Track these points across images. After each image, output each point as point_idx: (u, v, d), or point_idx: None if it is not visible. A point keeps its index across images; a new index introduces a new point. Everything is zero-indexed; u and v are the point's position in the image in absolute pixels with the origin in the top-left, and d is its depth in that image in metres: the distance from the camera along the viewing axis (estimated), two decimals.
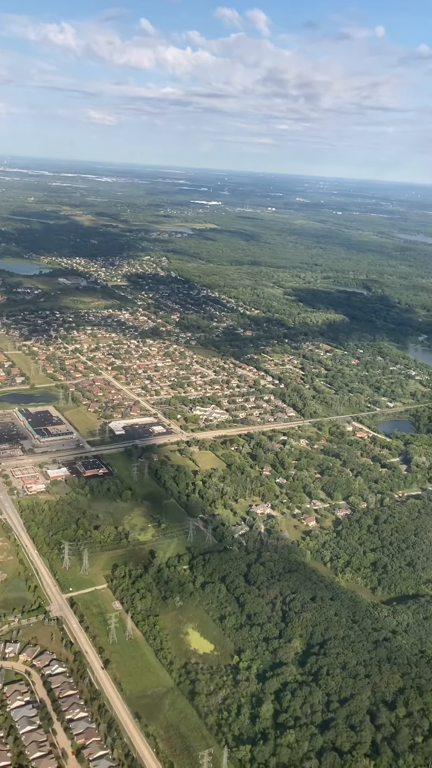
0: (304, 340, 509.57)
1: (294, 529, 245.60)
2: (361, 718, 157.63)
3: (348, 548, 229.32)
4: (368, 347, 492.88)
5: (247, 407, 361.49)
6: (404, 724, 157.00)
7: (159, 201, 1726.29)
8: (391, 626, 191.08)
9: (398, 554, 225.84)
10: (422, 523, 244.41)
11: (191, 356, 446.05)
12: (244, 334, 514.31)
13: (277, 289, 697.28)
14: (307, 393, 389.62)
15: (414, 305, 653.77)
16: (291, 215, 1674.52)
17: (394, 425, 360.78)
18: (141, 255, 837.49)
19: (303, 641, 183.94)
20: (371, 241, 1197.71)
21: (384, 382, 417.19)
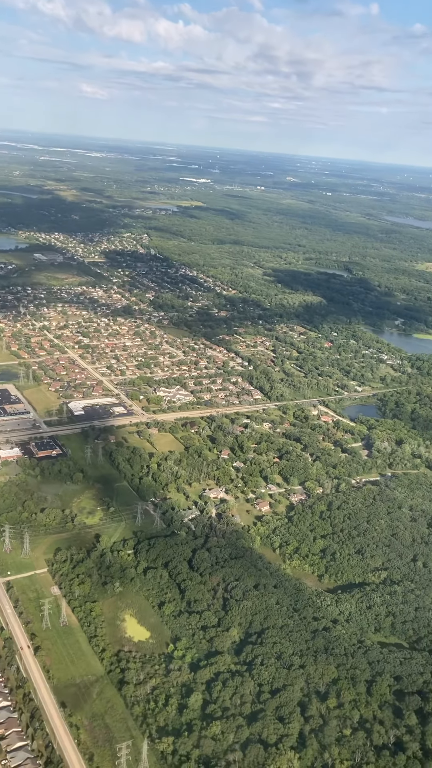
0: (279, 322, 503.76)
1: (247, 514, 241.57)
2: (291, 710, 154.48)
3: (298, 534, 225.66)
4: (343, 330, 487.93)
5: (213, 389, 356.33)
6: (334, 716, 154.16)
7: (147, 177, 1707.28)
8: (333, 615, 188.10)
9: (348, 541, 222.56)
10: (376, 509, 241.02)
11: (162, 336, 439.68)
12: (219, 314, 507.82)
13: (257, 269, 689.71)
14: (276, 376, 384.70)
15: (394, 288, 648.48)
16: (280, 195, 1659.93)
17: (360, 410, 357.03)
18: (122, 231, 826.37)
19: (242, 630, 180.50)
20: (358, 223, 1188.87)
21: (355, 366, 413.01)
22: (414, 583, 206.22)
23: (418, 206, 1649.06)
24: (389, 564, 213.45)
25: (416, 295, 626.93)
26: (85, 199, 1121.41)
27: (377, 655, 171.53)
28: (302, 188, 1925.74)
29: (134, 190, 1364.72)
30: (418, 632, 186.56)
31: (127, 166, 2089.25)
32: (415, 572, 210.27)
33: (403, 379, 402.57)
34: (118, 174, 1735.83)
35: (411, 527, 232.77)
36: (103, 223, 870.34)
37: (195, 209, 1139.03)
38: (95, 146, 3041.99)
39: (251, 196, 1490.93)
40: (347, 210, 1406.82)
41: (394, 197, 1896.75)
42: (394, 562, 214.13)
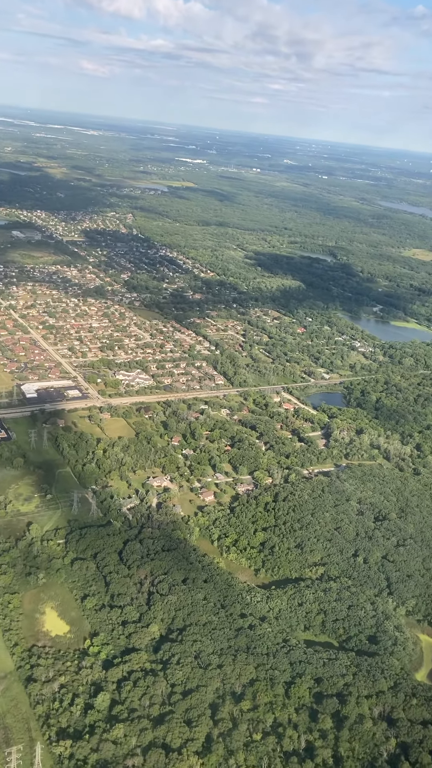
0: (254, 305, 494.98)
1: (189, 503, 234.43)
2: (200, 712, 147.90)
3: (238, 526, 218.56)
4: (318, 316, 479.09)
5: (175, 373, 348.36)
6: (246, 719, 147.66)
7: (141, 157, 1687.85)
8: (262, 612, 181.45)
9: (289, 534, 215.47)
10: (322, 502, 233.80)
11: (131, 318, 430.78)
12: (193, 297, 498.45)
13: (239, 251, 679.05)
14: (242, 361, 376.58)
15: (376, 275, 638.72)
16: (274, 177, 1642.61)
17: (325, 398, 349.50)
18: (106, 211, 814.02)
19: (164, 626, 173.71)
20: (350, 207, 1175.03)
21: (325, 353, 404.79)
22: (351, 579, 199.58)
23: (414, 192, 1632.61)
24: (328, 559, 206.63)
25: (398, 282, 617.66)
26: (73, 177, 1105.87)
27: (300, 656, 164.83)
28: (298, 171, 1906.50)
29: (126, 169, 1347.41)
30: (348, 631, 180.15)
31: (123, 145, 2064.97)
32: (355, 568, 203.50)
33: (374, 367, 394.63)
34: (112, 152, 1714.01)
35: (356, 521, 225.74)
36: (88, 202, 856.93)
37: (185, 190, 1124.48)
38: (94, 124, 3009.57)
39: (245, 178, 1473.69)
40: (341, 194, 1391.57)
41: (390, 182, 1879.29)
42: (333, 557, 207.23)
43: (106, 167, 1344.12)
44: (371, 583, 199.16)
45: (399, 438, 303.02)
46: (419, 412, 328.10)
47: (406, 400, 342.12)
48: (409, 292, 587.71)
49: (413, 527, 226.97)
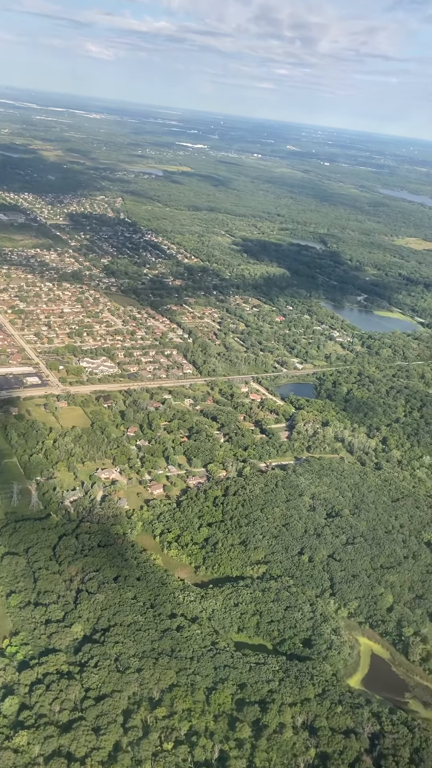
0: (235, 293, 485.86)
1: (137, 497, 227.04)
2: (111, 719, 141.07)
3: (183, 521, 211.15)
4: (299, 304, 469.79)
5: (142, 361, 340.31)
6: (159, 727, 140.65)
7: (141, 141, 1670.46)
8: (194, 613, 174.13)
9: (235, 530, 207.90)
10: (274, 496, 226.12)
11: (105, 303, 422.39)
12: (173, 283, 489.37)
13: (227, 237, 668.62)
14: (214, 350, 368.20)
15: (365, 263, 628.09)
16: (275, 163, 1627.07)
17: (295, 388, 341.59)
18: (96, 194, 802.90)
19: (88, 626, 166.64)
20: (348, 194, 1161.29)
21: (301, 342, 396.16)
22: (294, 579, 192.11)
23: (416, 180, 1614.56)
24: (272, 557, 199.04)
25: (387, 271, 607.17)
26: (67, 160, 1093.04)
27: (226, 660, 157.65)
28: (300, 157, 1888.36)
29: (123, 152, 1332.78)
30: (282, 633, 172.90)
31: (124, 129, 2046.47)
32: (298, 567, 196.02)
33: (350, 357, 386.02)
34: (111, 136, 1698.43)
35: (307, 517, 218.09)
36: (78, 185, 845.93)
37: (180, 174, 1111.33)
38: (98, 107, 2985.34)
39: (244, 164, 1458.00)
40: (341, 181, 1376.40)
41: (393, 170, 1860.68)
42: (277, 555, 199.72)
43: (102, 150, 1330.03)
44: (314, 583, 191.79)
45: (366, 431, 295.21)
46: (390, 405, 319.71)
47: (378, 392, 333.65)
48: (397, 282, 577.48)
49: (365, 524, 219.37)
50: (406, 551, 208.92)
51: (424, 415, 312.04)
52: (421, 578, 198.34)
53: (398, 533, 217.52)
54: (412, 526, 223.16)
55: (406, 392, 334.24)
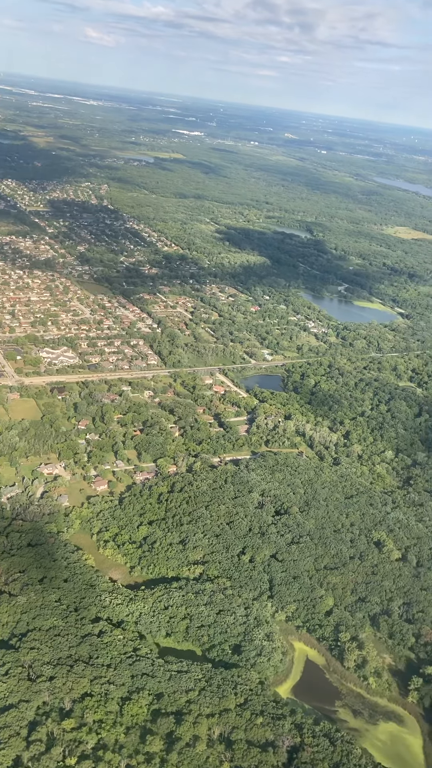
0: (212, 282, 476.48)
1: (79, 493, 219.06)
2: (15, 732, 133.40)
3: (123, 519, 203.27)
4: (276, 294, 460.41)
5: (106, 352, 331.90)
6: (65, 740, 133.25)
7: (136, 128, 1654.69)
8: (121, 616, 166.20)
9: (175, 529, 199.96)
10: (222, 493, 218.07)
11: (75, 292, 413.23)
12: (149, 271, 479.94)
13: (211, 225, 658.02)
14: (183, 340, 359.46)
15: (350, 252, 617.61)
16: (271, 150, 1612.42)
17: (262, 380, 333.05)
18: (81, 181, 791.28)
19: (6, 630, 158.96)
20: (341, 183, 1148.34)
21: (273, 333, 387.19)
22: (231, 580, 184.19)
23: (413, 169, 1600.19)
24: (211, 557, 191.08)
25: (371, 260, 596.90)
26: (57, 147, 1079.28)
27: (145, 667, 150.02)
28: (298, 145, 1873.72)
29: (115, 139, 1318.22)
30: (212, 639, 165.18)
31: (120, 116, 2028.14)
32: (238, 567, 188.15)
33: (322, 349, 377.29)
34: (106, 123, 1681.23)
35: (253, 515, 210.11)
36: (64, 171, 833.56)
37: (171, 161, 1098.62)
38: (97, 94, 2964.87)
39: (239, 151, 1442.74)
40: (336, 169, 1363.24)
41: (391, 158, 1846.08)
42: (217, 555, 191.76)
43: (95, 137, 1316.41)
44: (252, 584, 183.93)
45: (329, 425, 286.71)
46: (357, 398, 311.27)
47: (346, 384, 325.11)
48: (381, 271, 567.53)
49: (313, 523, 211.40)
50: (353, 551, 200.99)
51: (391, 408, 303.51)
52: (366, 580, 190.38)
53: (347, 532, 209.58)
54: (363, 524, 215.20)
55: (375, 385, 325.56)
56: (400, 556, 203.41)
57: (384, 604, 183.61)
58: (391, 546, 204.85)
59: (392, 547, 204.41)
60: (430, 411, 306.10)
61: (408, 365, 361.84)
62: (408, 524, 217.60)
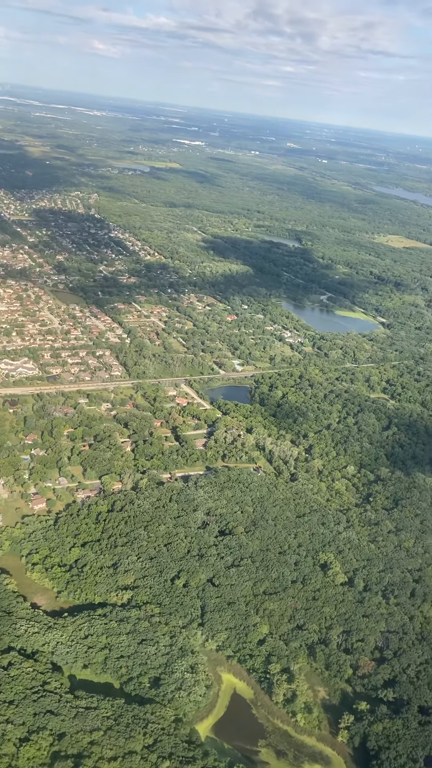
0: (191, 291, 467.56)
1: (15, 512, 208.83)
2: None
3: (55, 540, 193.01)
4: (255, 303, 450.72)
5: (69, 363, 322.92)
6: None
7: (136, 137, 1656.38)
8: (35, 646, 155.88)
9: (108, 551, 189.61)
10: (164, 512, 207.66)
11: (47, 302, 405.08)
12: (128, 280, 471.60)
13: (198, 234, 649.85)
14: (153, 350, 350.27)
15: (337, 261, 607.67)
16: (271, 160, 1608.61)
17: (229, 391, 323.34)
18: (71, 190, 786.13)
19: None
20: (338, 191, 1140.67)
21: (247, 343, 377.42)
22: (162, 606, 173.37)
23: (413, 177, 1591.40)
24: (143, 582, 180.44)
25: (358, 269, 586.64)
26: (52, 156, 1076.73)
27: (51, 703, 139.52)
28: (299, 154, 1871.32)
29: (113, 149, 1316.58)
30: (131, 671, 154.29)
31: (122, 126, 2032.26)
32: (169, 593, 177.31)
33: (296, 359, 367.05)
34: (106, 132, 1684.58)
35: (194, 535, 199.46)
36: (55, 181, 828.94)
37: (167, 171, 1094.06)
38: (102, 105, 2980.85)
39: (238, 160, 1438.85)
40: (335, 178, 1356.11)
41: (392, 167, 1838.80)
42: (149, 579, 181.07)
43: (93, 147, 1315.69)
44: (183, 611, 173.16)
45: (293, 438, 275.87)
46: (324, 410, 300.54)
47: (315, 396, 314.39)
48: (366, 280, 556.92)
49: (258, 544, 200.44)
50: (296, 575, 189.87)
51: (358, 421, 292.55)
52: (306, 606, 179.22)
53: (293, 554, 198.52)
54: (312, 545, 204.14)
55: (345, 397, 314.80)
56: (346, 580, 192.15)
57: (322, 633, 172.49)
58: (338, 569, 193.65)
59: (338, 570, 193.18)
60: (400, 424, 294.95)
61: (382, 376, 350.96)
62: (359, 545, 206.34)
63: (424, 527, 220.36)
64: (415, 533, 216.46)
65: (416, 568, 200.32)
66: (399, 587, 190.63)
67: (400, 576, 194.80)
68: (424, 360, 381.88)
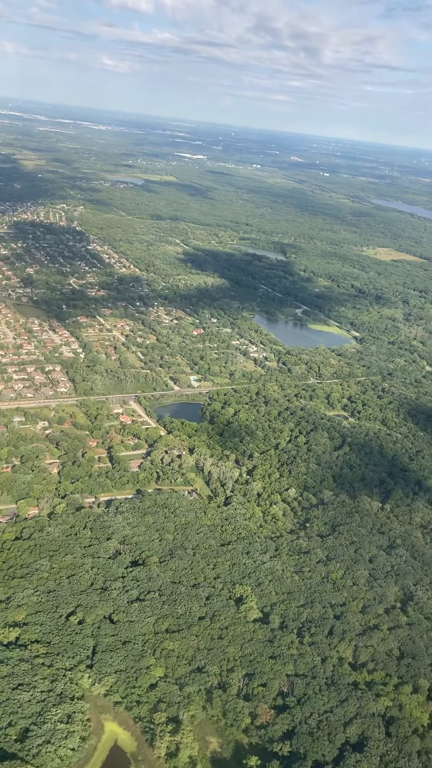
0: (162, 304, 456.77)
1: None
2: None
3: None
4: (225, 317, 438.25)
5: (13, 378, 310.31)
6: None
7: (137, 151, 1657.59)
8: None
9: (3, 583, 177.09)
10: (75, 540, 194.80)
11: (5, 315, 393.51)
12: (96, 293, 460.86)
13: (179, 247, 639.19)
14: (107, 365, 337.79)
15: (319, 274, 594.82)
16: (271, 173, 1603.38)
17: (181, 408, 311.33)
18: (57, 202, 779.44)
19: None
20: (334, 204, 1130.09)
21: (209, 358, 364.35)
22: (50, 646, 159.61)
23: (415, 190, 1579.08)
24: (34, 618, 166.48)
25: (340, 282, 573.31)
26: (46, 169, 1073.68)
27: None
28: (302, 168, 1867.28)
29: (110, 162, 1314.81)
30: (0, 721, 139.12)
31: (125, 140, 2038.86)
32: (62, 630, 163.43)
33: (257, 374, 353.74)
34: (107, 146, 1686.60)
35: (101, 566, 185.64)
36: (43, 193, 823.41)
37: (160, 184, 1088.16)
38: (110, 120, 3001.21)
39: (237, 174, 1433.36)
40: (334, 191, 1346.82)
41: (395, 180, 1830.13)
42: (42, 615, 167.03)
43: (90, 160, 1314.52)
44: (72, 651, 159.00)
45: (237, 458, 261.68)
46: (275, 429, 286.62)
47: (268, 414, 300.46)
48: (346, 293, 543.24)
49: (171, 575, 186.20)
50: (205, 610, 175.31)
51: (309, 440, 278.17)
52: (210, 645, 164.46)
53: (207, 586, 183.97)
54: (230, 577, 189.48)
55: (300, 414, 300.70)
56: (261, 616, 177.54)
57: (223, 675, 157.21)
58: (252, 603, 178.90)
59: (253, 605, 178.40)
60: (353, 443, 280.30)
61: (345, 393, 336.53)
62: (282, 577, 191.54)
63: (357, 556, 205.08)
64: (346, 563, 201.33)
65: (340, 602, 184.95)
66: (317, 624, 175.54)
67: (320, 612, 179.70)
68: (392, 375, 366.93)
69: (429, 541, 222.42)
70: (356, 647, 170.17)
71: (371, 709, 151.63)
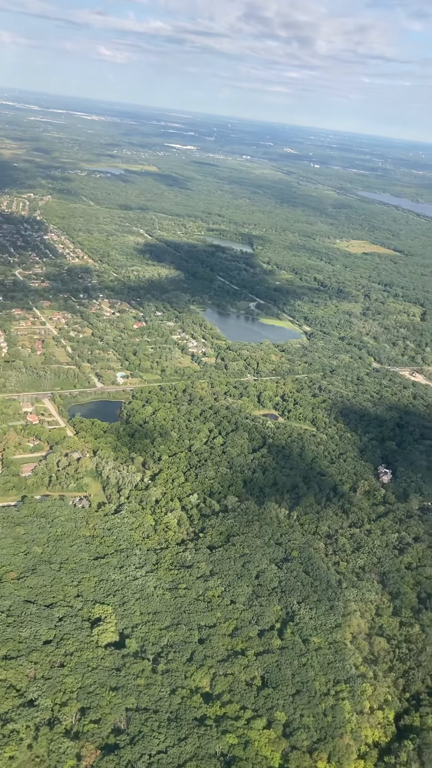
0: (107, 296, 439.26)
1: None
2: None
3: None
4: (171, 310, 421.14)
5: None
6: None
7: (124, 141, 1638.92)
8: None
9: None
10: None
11: None
12: (39, 285, 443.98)
13: (142, 237, 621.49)
14: (27, 361, 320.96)
15: (283, 266, 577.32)
16: (260, 164, 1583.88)
17: (99, 407, 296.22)
18: (24, 192, 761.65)
19: None
20: (317, 196, 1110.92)
21: (143, 352, 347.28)
22: None
23: (404, 183, 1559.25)
24: None
25: (303, 275, 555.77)
26: (22, 158, 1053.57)
27: None
28: (292, 159, 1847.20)
29: (92, 152, 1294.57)
30: None
31: (115, 130, 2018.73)
32: None
33: (191, 371, 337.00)
34: (94, 136, 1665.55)
35: None
36: (11, 182, 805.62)
37: (138, 174, 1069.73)
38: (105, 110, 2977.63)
39: (223, 165, 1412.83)
40: (321, 183, 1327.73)
41: (387, 172, 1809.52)
42: None
43: (72, 150, 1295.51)
44: None
45: (145, 460, 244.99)
46: (193, 429, 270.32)
47: (189, 413, 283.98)
48: (307, 287, 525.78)
49: (26, 593, 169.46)
50: (53, 633, 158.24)
51: (227, 441, 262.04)
52: (48, 674, 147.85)
53: (64, 606, 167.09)
54: (94, 595, 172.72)
55: (224, 414, 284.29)
56: (116, 639, 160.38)
57: (56, 709, 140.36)
58: (109, 626, 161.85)
59: (109, 627, 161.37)
60: (273, 445, 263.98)
61: (278, 390, 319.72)
62: (152, 594, 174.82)
63: (244, 571, 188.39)
64: (229, 579, 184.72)
65: (210, 624, 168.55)
66: (177, 649, 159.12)
67: (184, 635, 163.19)
68: (334, 372, 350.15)
69: (330, 552, 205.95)
70: (214, 675, 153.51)
71: (211, 749, 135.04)
